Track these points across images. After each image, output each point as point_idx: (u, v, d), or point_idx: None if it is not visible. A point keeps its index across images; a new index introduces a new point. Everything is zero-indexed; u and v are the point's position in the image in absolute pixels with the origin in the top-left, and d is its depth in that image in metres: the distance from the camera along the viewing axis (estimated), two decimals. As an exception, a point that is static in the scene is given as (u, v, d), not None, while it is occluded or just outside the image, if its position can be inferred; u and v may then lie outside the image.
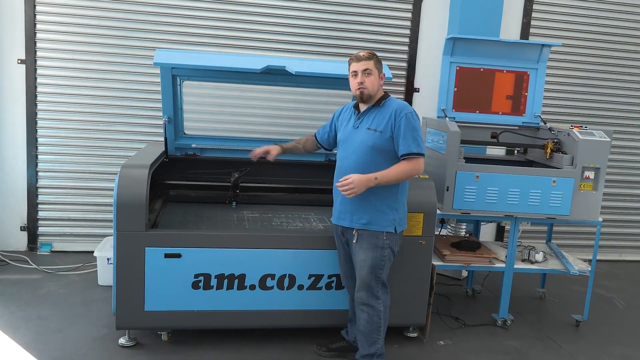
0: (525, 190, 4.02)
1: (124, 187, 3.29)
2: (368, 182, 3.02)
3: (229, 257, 3.44)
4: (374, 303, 3.22)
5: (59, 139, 5.22)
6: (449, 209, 4.01)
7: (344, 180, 3.01)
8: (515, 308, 4.59)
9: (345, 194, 3.03)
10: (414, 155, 3.06)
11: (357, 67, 3.12)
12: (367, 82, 3.11)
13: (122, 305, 3.39)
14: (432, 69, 5.51)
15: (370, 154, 3.10)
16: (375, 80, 3.14)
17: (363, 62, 3.11)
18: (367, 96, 3.14)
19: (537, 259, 4.29)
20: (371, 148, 3.09)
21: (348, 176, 3.01)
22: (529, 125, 4.58)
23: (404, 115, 3.07)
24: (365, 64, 3.11)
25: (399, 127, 3.06)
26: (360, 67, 3.11)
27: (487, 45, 4.43)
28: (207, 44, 5.28)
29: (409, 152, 3.05)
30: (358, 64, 3.12)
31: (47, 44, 5.09)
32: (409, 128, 3.06)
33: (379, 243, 3.15)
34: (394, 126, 3.08)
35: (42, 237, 5.33)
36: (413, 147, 3.06)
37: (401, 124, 3.06)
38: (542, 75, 4.53)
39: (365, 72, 3.11)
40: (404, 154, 3.06)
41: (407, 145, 3.05)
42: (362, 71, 3.11)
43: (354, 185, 2.99)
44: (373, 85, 3.13)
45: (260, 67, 3.61)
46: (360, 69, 3.11)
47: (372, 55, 3.15)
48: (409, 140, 3.05)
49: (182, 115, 4.09)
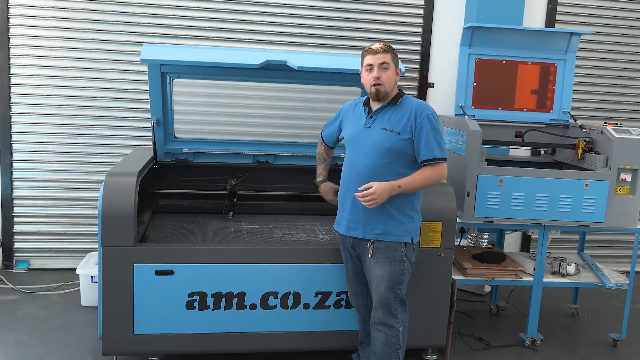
0: (555, 195, 4.01)
1: (110, 197, 3.29)
2: (391, 190, 3.02)
3: (227, 274, 3.43)
4: (393, 322, 3.20)
5: (36, 144, 5.23)
6: (470, 217, 4.00)
7: (365, 190, 3.01)
8: (544, 326, 4.57)
9: (367, 205, 3.03)
10: (439, 161, 3.07)
11: (373, 61, 3.10)
12: (383, 78, 3.09)
13: (109, 329, 3.38)
14: (448, 62, 5.51)
15: (386, 156, 3.09)
16: (392, 75, 3.13)
17: (380, 55, 3.10)
18: (384, 94, 3.13)
19: (569, 271, 4.27)
20: (387, 150, 3.09)
21: (370, 184, 3.01)
22: (557, 123, 4.57)
23: (426, 116, 3.08)
24: (382, 57, 3.10)
25: (420, 130, 3.06)
26: (377, 60, 3.10)
27: (509, 34, 4.43)
28: (199, 37, 5.29)
29: (434, 158, 3.06)
30: (374, 57, 3.10)
31: (22, 40, 5.11)
32: (432, 130, 3.07)
33: (396, 256, 3.14)
34: (414, 128, 3.08)
35: (18, 254, 5.34)
36: (437, 151, 3.07)
37: (423, 126, 3.06)
38: (570, 66, 4.53)
39: (382, 67, 3.09)
40: (427, 160, 3.07)
41: (431, 150, 3.06)
42: (378, 65, 3.09)
43: (376, 195, 2.99)
44: (390, 81, 3.12)
45: (259, 63, 3.62)
46: (376, 63, 3.10)
47: (389, 48, 3.14)
48: (433, 144, 3.06)
49: (172, 116, 4.09)
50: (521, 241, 6.04)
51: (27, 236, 5.33)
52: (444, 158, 3.10)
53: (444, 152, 3.10)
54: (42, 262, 5.36)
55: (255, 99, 4.23)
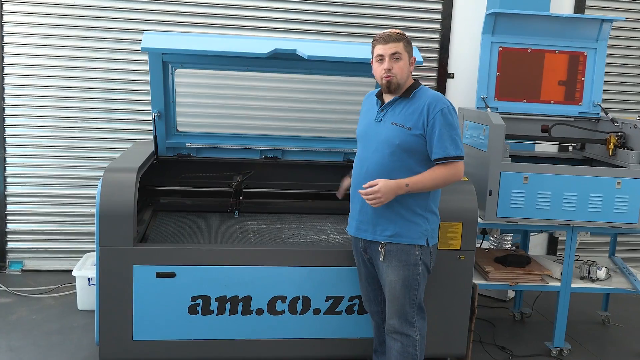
0: (584, 194, 3.99)
1: (108, 194, 3.30)
2: (398, 189, 3.00)
3: (232, 277, 3.44)
4: (409, 331, 3.19)
5: (31, 138, 5.27)
6: (492, 217, 3.99)
7: (370, 188, 3.00)
8: (572, 335, 4.55)
9: (370, 203, 3.02)
10: (453, 160, 3.04)
11: (384, 51, 3.08)
12: (395, 69, 3.07)
13: (107, 334, 3.40)
14: (469, 51, 5.49)
15: (396, 154, 3.07)
16: (405, 65, 3.11)
17: (391, 45, 3.07)
18: (396, 85, 3.10)
19: (599, 276, 4.25)
20: (397, 147, 3.06)
21: (375, 182, 3.00)
22: (586, 116, 4.55)
23: (439, 110, 3.04)
24: (393, 47, 3.07)
25: (433, 125, 3.03)
26: (388, 50, 3.08)
27: (535, 21, 4.40)
28: (203, 24, 5.31)
29: (446, 156, 3.03)
30: (385, 46, 3.08)
31: (15, 28, 5.15)
32: (446, 126, 3.02)
33: (410, 259, 3.13)
34: (426, 123, 3.04)
35: (11, 254, 5.39)
36: (451, 149, 3.03)
37: (435, 121, 3.03)
38: (601, 56, 4.50)
39: (394, 57, 3.07)
40: (439, 158, 3.03)
41: (444, 148, 3.02)
42: (389, 55, 3.07)
43: (380, 193, 2.97)
44: (402, 72, 3.10)
45: (267, 51, 3.62)
46: (387, 53, 3.08)
47: (402, 36, 3.11)
48: (446, 140, 3.02)
49: (174, 109, 4.11)
50: (547, 243, 6.02)
51: (21, 235, 5.38)
52: (460, 157, 3.05)
53: (459, 150, 3.05)
54: (37, 263, 5.41)
55: (263, 90, 4.23)
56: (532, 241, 5.22)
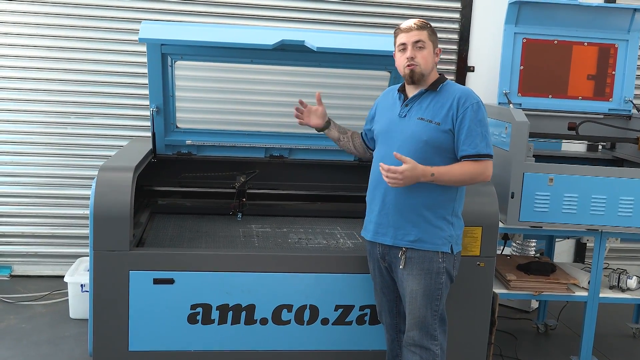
0: (614, 197, 3.99)
1: (103, 194, 3.32)
2: (422, 176, 2.97)
3: (234, 284, 3.45)
4: (430, 345, 3.17)
5: (21, 135, 5.31)
6: (515, 222, 3.99)
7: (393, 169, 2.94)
8: (600, 349, 4.55)
9: (386, 180, 2.98)
10: (483, 158, 3.05)
11: (407, 39, 3.10)
12: (419, 58, 3.08)
13: (101, 344, 3.41)
14: (490, 42, 5.49)
15: (424, 151, 3.07)
16: (430, 55, 3.12)
17: (414, 33, 3.09)
18: (419, 75, 3.11)
19: (630, 285, 4.25)
20: (425, 143, 3.07)
21: (407, 160, 2.94)
22: (617, 113, 4.54)
23: (470, 105, 3.05)
24: (417, 35, 3.09)
25: (463, 120, 3.04)
26: (411, 38, 3.09)
27: (562, 10, 4.40)
28: (205, 13, 5.33)
29: (477, 154, 3.03)
30: (408, 34, 3.10)
31: (3, 16, 5.17)
32: (477, 122, 3.04)
33: (433, 267, 3.12)
34: (455, 118, 3.06)
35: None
36: (482, 146, 3.04)
37: (466, 117, 3.04)
38: (634, 48, 4.49)
39: (417, 45, 3.09)
40: (469, 155, 3.04)
41: (474, 144, 3.03)
42: (412, 44, 3.09)
43: (403, 176, 2.93)
44: (427, 61, 3.10)
45: (273, 43, 3.61)
46: (410, 41, 3.09)
47: (425, 25, 3.13)
48: (477, 137, 3.03)
49: (174, 104, 4.12)
50: (574, 250, 6.01)
51: (10, 239, 5.42)
52: (490, 155, 3.07)
53: (489, 148, 3.07)
54: (26, 268, 5.44)
55: (269, 84, 4.25)
56: (557, 247, 5.21)
